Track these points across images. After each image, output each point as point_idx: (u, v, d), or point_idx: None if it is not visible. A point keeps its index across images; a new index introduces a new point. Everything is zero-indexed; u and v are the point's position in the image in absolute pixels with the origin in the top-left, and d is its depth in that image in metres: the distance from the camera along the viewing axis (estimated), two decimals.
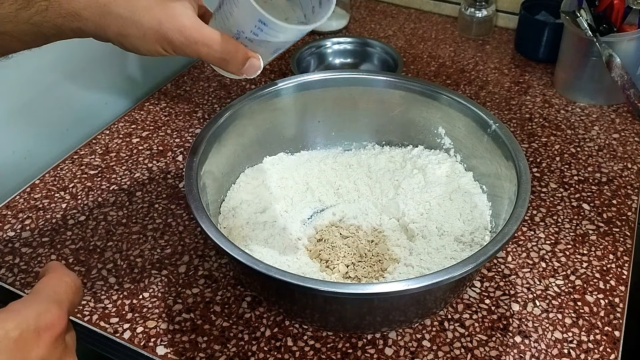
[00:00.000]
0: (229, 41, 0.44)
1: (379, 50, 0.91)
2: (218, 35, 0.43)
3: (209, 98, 0.87)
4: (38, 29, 0.41)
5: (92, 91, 0.82)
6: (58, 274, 0.35)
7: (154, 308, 0.57)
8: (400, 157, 0.68)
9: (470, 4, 1.00)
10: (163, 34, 0.42)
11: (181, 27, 0.42)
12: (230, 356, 0.53)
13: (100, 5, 0.41)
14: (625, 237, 0.64)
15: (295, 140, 0.69)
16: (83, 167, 0.75)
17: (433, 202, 0.62)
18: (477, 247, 0.56)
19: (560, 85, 0.87)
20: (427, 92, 0.64)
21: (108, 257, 0.63)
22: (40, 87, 0.74)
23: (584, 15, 0.78)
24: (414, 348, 0.54)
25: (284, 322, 0.56)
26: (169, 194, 0.70)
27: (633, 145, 0.77)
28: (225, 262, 0.62)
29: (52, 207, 0.69)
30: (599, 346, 0.54)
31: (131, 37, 0.43)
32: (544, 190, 0.70)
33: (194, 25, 0.43)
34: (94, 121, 0.83)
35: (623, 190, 0.70)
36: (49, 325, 0.32)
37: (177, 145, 0.78)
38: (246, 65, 0.45)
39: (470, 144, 0.63)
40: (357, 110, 0.68)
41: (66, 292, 0.34)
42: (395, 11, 1.11)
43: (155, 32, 0.42)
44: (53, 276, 0.35)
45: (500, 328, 0.55)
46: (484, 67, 0.93)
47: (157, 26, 0.42)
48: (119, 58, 0.84)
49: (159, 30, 0.42)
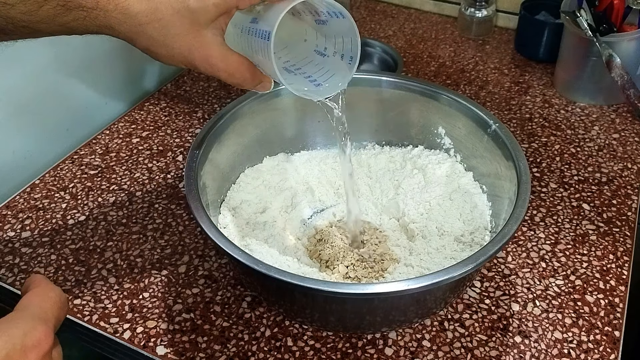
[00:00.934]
0: (249, 70, 0.47)
1: (379, 50, 0.91)
2: (240, 65, 0.46)
3: (209, 98, 0.87)
4: (70, 30, 0.42)
5: (92, 91, 0.82)
6: (43, 290, 0.35)
7: (154, 308, 0.57)
8: (400, 157, 0.68)
9: (470, 4, 1.00)
10: (191, 60, 0.45)
11: (209, 57, 0.45)
12: (230, 356, 0.53)
13: (136, 25, 0.43)
14: (625, 237, 0.64)
15: (295, 140, 0.69)
16: (83, 167, 0.75)
17: (433, 202, 0.62)
18: (477, 247, 0.56)
19: (560, 85, 0.87)
20: (427, 92, 0.64)
21: (108, 257, 0.63)
22: (40, 87, 0.74)
23: (584, 15, 0.78)
24: (414, 348, 0.54)
25: (284, 322, 0.56)
26: (169, 194, 0.70)
27: (633, 145, 0.77)
28: (225, 262, 0.62)
29: (52, 207, 0.69)
30: (599, 346, 0.54)
31: (159, 54, 0.45)
32: (544, 190, 0.70)
33: (221, 55, 0.45)
34: (94, 121, 0.83)
35: (623, 190, 0.70)
36: (35, 344, 0.32)
37: (177, 145, 0.78)
38: (258, 86, 0.48)
39: (470, 144, 0.63)
40: (357, 110, 0.67)
41: (52, 308, 0.34)
42: (395, 11, 1.11)
43: (184, 57, 0.45)
44: (38, 292, 0.35)
45: (500, 328, 0.55)
46: (484, 67, 0.93)
47: (186, 52, 0.44)
48: (119, 58, 0.84)
49: (187, 56, 0.45)
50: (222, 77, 0.46)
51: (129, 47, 0.46)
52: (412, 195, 0.63)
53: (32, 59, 0.72)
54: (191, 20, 0.43)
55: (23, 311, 0.33)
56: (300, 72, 0.51)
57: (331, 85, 0.51)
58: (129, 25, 0.43)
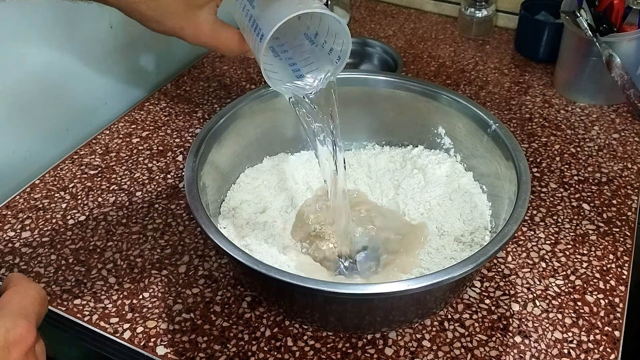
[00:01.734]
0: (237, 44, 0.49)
1: (379, 50, 0.91)
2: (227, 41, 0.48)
3: (209, 98, 0.87)
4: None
5: (92, 91, 0.82)
6: (22, 287, 0.35)
7: (154, 308, 0.57)
8: (400, 157, 0.68)
9: (470, 4, 1.00)
10: (181, 35, 0.47)
11: (199, 34, 0.47)
12: (230, 356, 0.53)
13: (130, 3, 0.44)
14: (625, 237, 0.64)
15: (295, 140, 0.69)
16: (83, 167, 0.75)
17: (433, 202, 0.62)
18: (477, 247, 0.56)
19: (560, 85, 0.87)
20: (427, 92, 0.64)
21: (108, 257, 0.63)
22: (40, 87, 0.74)
23: (584, 15, 0.78)
24: (414, 348, 0.54)
25: (284, 322, 0.56)
26: (169, 194, 0.70)
27: (633, 145, 0.77)
28: (225, 262, 0.62)
29: (52, 207, 0.69)
30: (599, 346, 0.54)
31: (150, 26, 0.47)
32: (544, 190, 0.70)
33: (211, 33, 0.48)
34: (94, 121, 0.83)
35: (623, 190, 0.70)
36: (18, 341, 0.32)
37: (177, 145, 0.78)
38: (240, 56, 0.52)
39: (470, 144, 0.63)
40: (357, 110, 0.68)
41: (32, 304, 0.34)
42: (395, 11, 1.11)
43: (175, 33, 0.47)
44: (18, 289, 0.35)
45: (500, 328, 0.55)
46: (484, 67, 0.93)
47: (178, 30, 0.47)
48: (119, 58, 0.84)
49: (179, 32, 0.47)
50: (207, 47, 0.49)
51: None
52: (412, 195, 0.63)
53: (32, 59, 0.72)
54: (187, 2, 0.45)
55: (3, 309, 0.33)
56: (285, 56, 0.51)
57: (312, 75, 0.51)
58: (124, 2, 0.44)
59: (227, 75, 0.92)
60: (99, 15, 0.79)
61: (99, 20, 0.79)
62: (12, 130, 0.73)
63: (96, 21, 0.79)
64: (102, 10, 0.74)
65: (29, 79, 0.72)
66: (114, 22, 0.81)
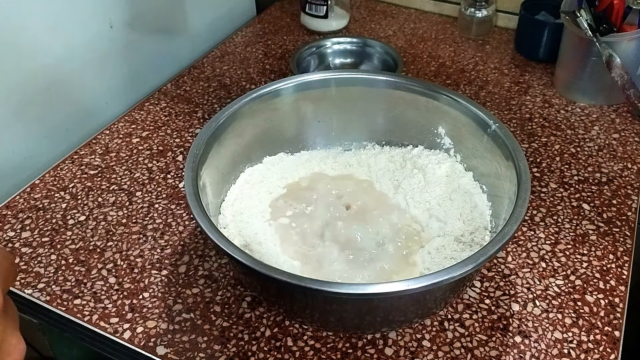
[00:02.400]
0: None
1: (379, 50, 0.91)
2: None
3: (209, 98, 0.87)
4: None
5: (92, 91, 0.82)
6: None
7: (154, 308, 0.57)
8: (400, 157, 0.68)
9: (470, 4, 1.00)
10: None
11: None
12: (230, 356, 0.53)
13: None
14: (625, 237, 0.64)
15: (295, 140, 0.69)
16: (83, 167, 0.75)
17: (433, 202, 0.62)
18: (477, 247, 0.56)
19: (560, 85, 0.87)
20: (427, 92, 0.64)
21: (108, 257, 0.63)
22: (40, 87, 0.74)
23: (584, 15, 0.78)
24: (414, 348, 0.54)
25: (284, 322, 0.56)
26: (169, 194, 0.70)
27: (633, 145, 0.77)
28: (225, 262, 0.62)
29: (52, 207, 0.69)
30: (599, 346, 0.54)
31: None
32: (544, 190, 0.70)
33: None
34: (94, 121, 0.83)
35: (623, 190, 0.70)
36: None
37: (177, 145, 0.78)
38: None
39: (470, 144, 0.63)
40: (357, 110, 0.68)
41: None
42: (395, 11, 1.11)
43: None
44: None
45: (500, 328, 0.55)
46: (484, 67, 0.93)
47: None
48: (119, 58, 0.84)
49: None
50: None
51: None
52: (412, 195, 0.63)
53: (32, 59, 0.72)
54: None
55: None
56: None
57: None
58: None
59: (227, 75, 0.92)
60: (99, 15, 0.79)
61: (99, 20, 0.79)
62: (12, 130, 0.73)
63: (96, 21, 0.79)
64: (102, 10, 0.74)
65: (29, 79, 0.72)
66: (114, 22, 0.81)
